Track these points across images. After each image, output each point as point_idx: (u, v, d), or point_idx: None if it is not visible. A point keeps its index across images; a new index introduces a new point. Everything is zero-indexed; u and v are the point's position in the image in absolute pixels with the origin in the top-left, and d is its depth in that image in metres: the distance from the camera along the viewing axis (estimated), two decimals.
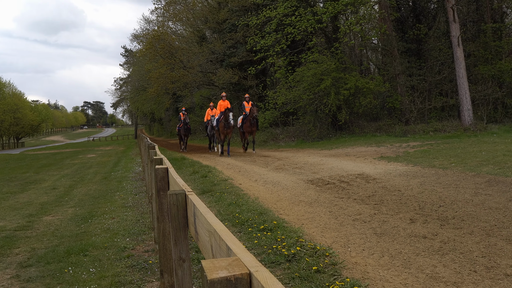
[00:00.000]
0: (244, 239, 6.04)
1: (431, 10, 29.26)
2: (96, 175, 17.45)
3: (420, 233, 5.67)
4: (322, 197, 8.43)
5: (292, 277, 4.48)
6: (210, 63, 35.42)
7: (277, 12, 27.07)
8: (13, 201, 11.49)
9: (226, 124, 17.62)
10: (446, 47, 25.74)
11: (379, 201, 7.82)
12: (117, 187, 13.03)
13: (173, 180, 3.28)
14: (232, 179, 11.71)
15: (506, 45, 26.17)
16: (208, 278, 1.08)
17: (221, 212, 7.79)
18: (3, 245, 6.75)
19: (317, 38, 28.04)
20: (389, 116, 26.12)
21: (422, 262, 4.60)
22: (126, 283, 4.78)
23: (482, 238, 5.27)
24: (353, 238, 5.66)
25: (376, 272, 4.44)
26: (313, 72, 23.99)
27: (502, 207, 6.57)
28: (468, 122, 21.92)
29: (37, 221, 8.60)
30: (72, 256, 5.94)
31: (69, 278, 5.08)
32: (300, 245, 5.45)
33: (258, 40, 28.24)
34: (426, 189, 8.32)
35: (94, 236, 7.04)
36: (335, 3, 25.64)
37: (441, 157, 12.59)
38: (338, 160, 14.34)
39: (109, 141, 73.09)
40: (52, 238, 7.12)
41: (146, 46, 41.85)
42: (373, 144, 19.01)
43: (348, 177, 10.59)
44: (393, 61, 25.80)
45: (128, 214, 8.74)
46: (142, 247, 6.25)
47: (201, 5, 39.06)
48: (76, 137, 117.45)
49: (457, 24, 23.00)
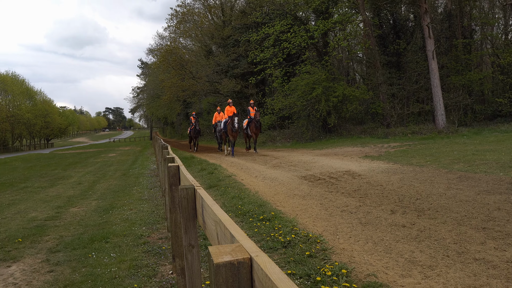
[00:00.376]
0: (245, 228, 6.04)
1: (409, 28, 29.30)
2: (116, 172, 17.46)
3: (399, 222, 5.67)
4: (314, 191, 8.43)
5: (288, 261, 4.48)
6: (216, 74, 35.43)
7: (274, 29, 27.14)
8: (43, 195, 11.50)
9: (233, 127, 17.76)
10: (422, 60, 25.77)
11: (363, 194, 7.82)
12: (135, 182, 13.04)
13: (184, 176, 3.28)
14: (235, 175, 11.71)
15: (474, 58, 26.25)
16: (214, 262, 1.08)
17: (226, 204, 7.79)
18: (35, 233, 6.75)
19: (310, 52, 28.04)
20: (373, 120, 26.15)
21: (401, 248, 4.60)
22: (143, 266, 4.78)
23: (453, 227, 5.27)
24: (341, 227, 5.66)
25: (361, 257, 4.44)
26: (306, 81, 24.01)
27: (471, 200, 6.57)
28: (441, 125, 21.94)
29: (65, 212, 8.61)
30: (95, 242, 5.95)
31: (93, 262, 5.08)
32: (294, 233, 5.45)
33: (258, 53, 28.29)
34: (405, 184, 8.32)
35: (115, 225, 7.04)
36: (325, 22, 25.74)
37: (418, 156, 12.59)
38: (328, 159, 14.34)
39: (127, 142, 73.02)
40: (78, 227, 7.12)
41: (160, 59, 41.89)
42: (358, 145, 19.00)
43: (337, 173, 10.59)
44: (376, 72, 25.80)
45: (144, 206, 8.74)
46: (156, 235, 6.26)
47: (208, 23, 39.08)
48: (99, 139, 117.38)
49: (432, 39, 23.02)
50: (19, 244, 6.11)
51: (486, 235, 4.84)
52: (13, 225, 7.53)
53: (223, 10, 38.35)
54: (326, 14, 26.81)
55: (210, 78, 35.95)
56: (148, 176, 14.70)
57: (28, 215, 8.43)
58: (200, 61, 38.74)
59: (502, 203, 6.18)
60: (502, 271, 3.74)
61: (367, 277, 3.83)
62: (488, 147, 13.27)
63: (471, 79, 24.42)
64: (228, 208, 7.45)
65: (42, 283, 4.44)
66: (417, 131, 21.86)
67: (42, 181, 15.16)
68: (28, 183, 14.85)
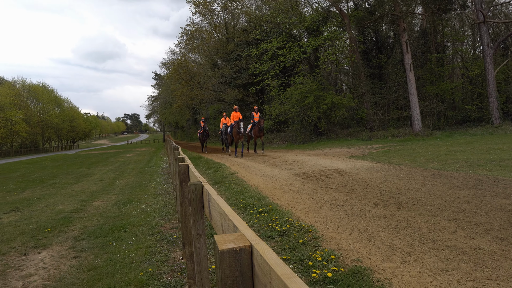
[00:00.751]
0: (246, 219, 6.03)
1: (389, 44, 29.36)
2: (133, 170, 17.44)
3: (381, 214, 5.67)
4: (306, 187, 8.43)
5: (284, 248, 4.47)
6: (221, 84, 35.45)
7: (272, 45, 27.18)
8: (70, 190, 11.49)
9: (238, 131, 17.73)
10: (401, 72, 25.81)
11: (350, 189, 7.81)
12: (150, 179, 13.03)
13: (192, 173, 3.28)
14: (238, 173, 11.70)
15: (447, 70, 26.32)
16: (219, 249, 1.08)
17: (229, 198, 7.79)
18: (62, 224, 6.74)
19: (303, 65, 28.06)
20: (358, 125, 26.17)
21: (383, 237, 4.59)
22: (157, 253, 4.78)
23: (428, 218, 5.27)
24: (330, 218, 5.66)
25: (347, 244, 4.44)
26: (299, 91, 24.03)
27: (444, 194, 6.57)
28: (418, 129, 21.94)
29: (88, 205, 8.60)
30: (115, 232, 5.94)
31: (113, 249, 5.07)
32: (289, 223, 5.44)
33: (257, 66, 28.35)
34: (386, 181, 8.32)
35: (132, 217, 7.04)
36: (316, 39, 25.80)
37: (397, 156, 12.59)
38: (318, 158, 14.33)
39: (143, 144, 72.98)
40: (100, 218, 7.12)
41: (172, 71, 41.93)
42: (345, 146, 19.00)
43: (326, 171, 10.59)
44: (360, 82, 25.83)
45: (158, 200, 8.74)
46: (168, 225, 6.25)
47: (214, 40, 39.14)
48: (118, 141, 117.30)
49: (409, 54, 23.05)
50: (49, 233, 6.11)
51: (457, 225, 4.84)
52: (43, 216, 7.52)
53: (227, 28, 38.41)
54: (317, 32, 26.90)
55: (216, 88, 35.99)
56: (161, 173, 14.69)
57: (56, 208, 8.42)
58: (207, 73, 38.78)
59: (471, 197, 6.19)
60: (471, 256, 3.74)
61: (352, 262, 3.83)
62: (459, 148, 13.28)
63: (443, 88, 24.50)
64: (231, 201, 7.44)
65: (68, 267, 4.44)
66: (396, 134, 21.87)
67: (69, 178, 15.16)
68: (56, 179, 14.85)
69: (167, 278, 3.90)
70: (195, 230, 2.37)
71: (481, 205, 5.60)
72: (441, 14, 25.27)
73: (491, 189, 6.75)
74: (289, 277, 0.88)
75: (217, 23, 38.75)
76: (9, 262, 4.74)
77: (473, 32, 28.58)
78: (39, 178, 15.92)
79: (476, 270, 3.40)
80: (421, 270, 3.50)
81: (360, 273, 3.50)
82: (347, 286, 3.27)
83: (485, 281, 3.18)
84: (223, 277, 1.08)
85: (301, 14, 27.69)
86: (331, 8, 27.45)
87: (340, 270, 3.60)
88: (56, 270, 4.37)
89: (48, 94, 61.42)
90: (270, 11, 29.80)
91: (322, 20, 27.09)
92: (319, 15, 26.95)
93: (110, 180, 13.81)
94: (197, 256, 2.36)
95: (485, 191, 6.60)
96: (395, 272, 3.50)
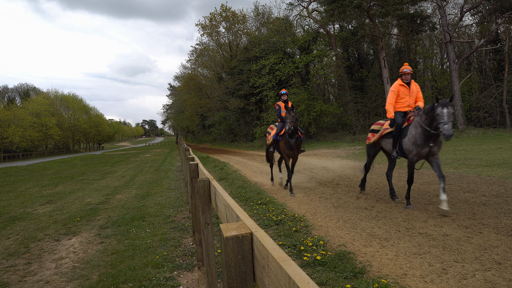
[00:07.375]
0: (247, 210, 6.03)
1: (370, 60, 29.44)
2: (151, 168, 17.42)
3: (363, 206, 5.66)
4: (299, 182, 8.41)
5: (279, 235, 4.47)
6: (225, 94, 35.49)
7: (269, 61, 27.25)
8: (96, 185, 11.47)
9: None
10: (379, 84, 25.88)
11: (336, 184, 7.81)
12: (165, 176, 13.01)
13: (201, 171, 3.29)
14: (240, 171, 11.70)
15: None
16: (224, 236, 1.08)
17: (233, 192, 7.78)
18: (89, 214, 6.73)
19: (295, 78, 28.11)
20: (343, 129, 26.18)
21: (364, 225, 4.59)
22: (170, 239, 4.77)
23: (403, 209, 5.26)
24: (319, 209, 5.65)
25: (334, 231, 4.44)
26: (293, 100, 24.03)
27: (416, 189, 6.57)
28: None
29: (112, 198, 8.59)
30: (135, 221, 5.93)
31: (133, 235, 5.07)
32: (284, 214, 5.44)
33: (257, 79, 28.40)
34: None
35: (149, 208, 7.03)
36: (307, 56, 25.89)
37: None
38: (309, 158, 14.33)
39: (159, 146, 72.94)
40: (122, 209, 7.10)
41: (183, 84, 41.98)
42: (332, 148, 18.99)
43: (316, 169, 10.59)
44: (345, 93, 25.87)
45: (171, 194, 8.73)
46: (181, 215, 6.24)
47: (220, 57, 39.22)
48: (138, 143, 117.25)
49: (386, 69, 23.10)
50: (78, 222, 6.10)
51: (427, 215, 4.83)
52: (73, 208, 7.51)
53: (231, 47, 38.48)
54: (308, 50, 27.00)
55: (221, 97, 36.02)
56: (175, 171, 14.69)
57: (84, 201, 8.41)
58: (213, 85, 38.82)
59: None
60: (440, 242, 3.74)
61: (338, 247, 3.83)
62: None
63: None
64: (234, 195, 7.44)
65: (95, 252, 4.43)
66: None
67: (95, 175, 15.14)
68: (85, 176, 14.82)
69: (179, 260, 3.89)
70: (204, 220, 2.37)
71: (448, 198, 5.60)
72: (414, 34, 25.36)
73: (457, 184, 6.75)
74: (284, 260, 0.88)
75: (222, 42, 38.84)
76: (44, 247, 4.73)
77: (441, 50, 28.64)
78: (69, 175, 15.90)
79: (444, 254, 3.40)
80: (397, 253, 3.50)
81: (345, 256, 3.50)
82: (334, 268, 3.26)
83: (452, 263, 3.18)
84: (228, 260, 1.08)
85: (294, 35, 27.79)
86: (320, 30, 27.55)
87: (328, 254, 3.59)
88: (84, 254, 4.36)
89: (77, 103, 61.38)
90: (268, 32, 29.91)
91: (312, 40, 27.18)
92: (310, 35, 27.05)
93: (131, 176, 13.79)
94: (205, 242, 2.36)
95: (452, 186, 6.60)
96: (375, 256, 3.49)
